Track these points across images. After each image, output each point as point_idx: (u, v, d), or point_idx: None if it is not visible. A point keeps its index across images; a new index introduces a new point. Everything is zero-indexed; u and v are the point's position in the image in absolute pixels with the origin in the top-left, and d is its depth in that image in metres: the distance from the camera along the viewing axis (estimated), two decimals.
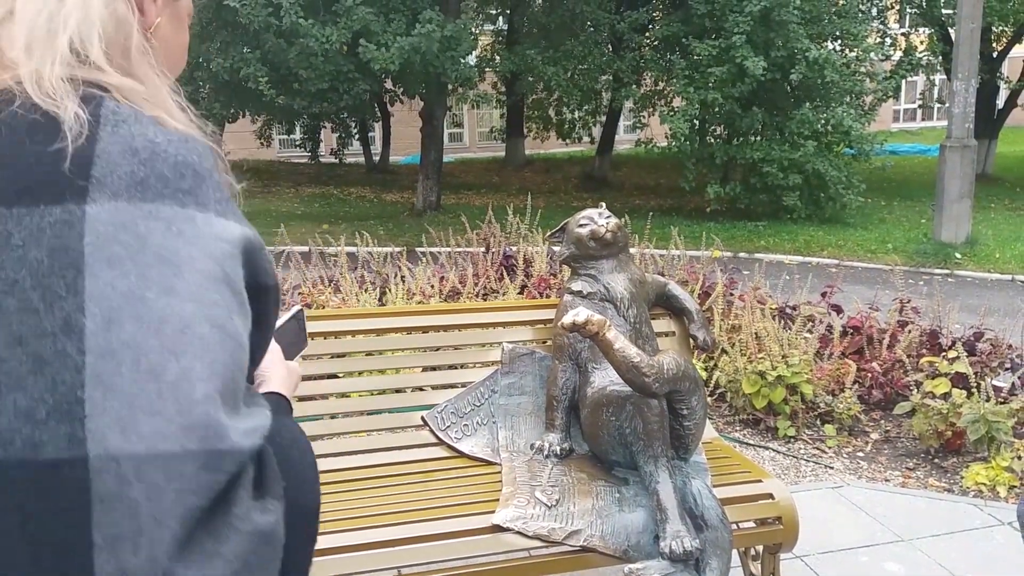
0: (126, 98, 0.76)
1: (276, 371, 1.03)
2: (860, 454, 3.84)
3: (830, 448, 3.87)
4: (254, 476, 0.74)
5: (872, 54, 11.95)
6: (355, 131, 17.17)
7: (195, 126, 0.82)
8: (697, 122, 11.65)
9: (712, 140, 12.09)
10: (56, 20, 0.75)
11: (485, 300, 4.73)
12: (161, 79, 0.82)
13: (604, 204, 2.71)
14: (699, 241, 6.11)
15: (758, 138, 11.68)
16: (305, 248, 6.09)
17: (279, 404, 0.98)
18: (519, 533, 2.10)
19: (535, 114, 17.55)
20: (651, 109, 13.03)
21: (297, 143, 18.49)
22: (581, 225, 2.55)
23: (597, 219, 2.54)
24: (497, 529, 2.09)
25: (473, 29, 11.88)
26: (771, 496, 2.27)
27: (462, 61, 10.62)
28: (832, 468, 3.68)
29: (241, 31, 10.13)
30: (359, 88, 10.48)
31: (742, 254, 9.10)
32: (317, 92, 10.29)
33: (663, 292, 2.71)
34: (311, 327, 1.60)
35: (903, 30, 15.72)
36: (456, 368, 2.70)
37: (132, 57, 0.80)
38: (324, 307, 4.24)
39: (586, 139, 17.72)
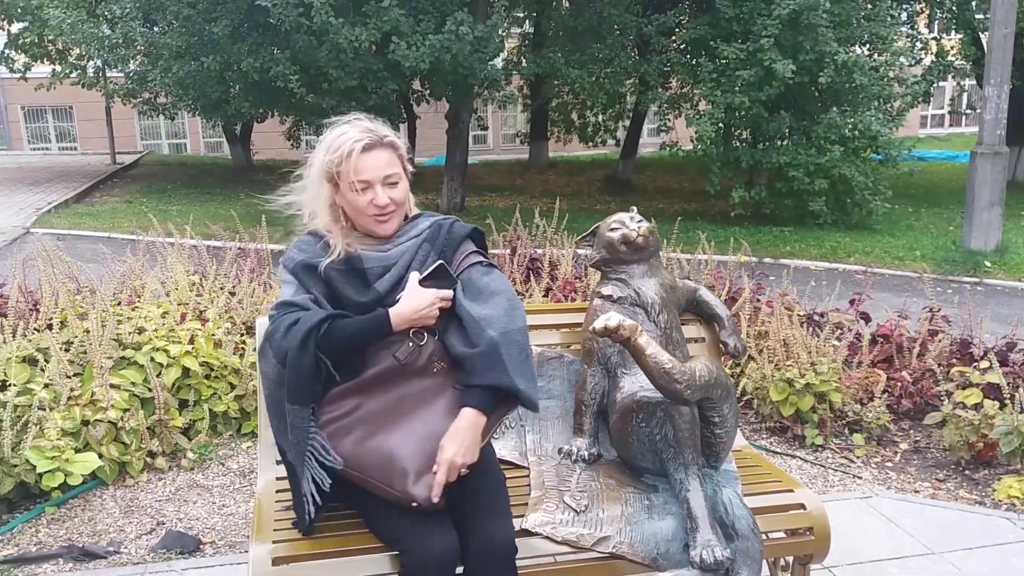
0: (318, 228, 2.15)
1: (404, 302, 2.02)
2: (889, 464, 3.80)
3: (858, 458, 3.82)
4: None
5: (901, 58, 11.81)
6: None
7: (329, 233, 2.13)
8: (723, 125, 11.57)
9: (738, 144, 12.00)
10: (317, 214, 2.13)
11: None
12: (333, 224, 2.13)
13: (635, 208, 2.69)
14: (724, 246, 6.07)
15: (785, 142, 11.58)
16: None
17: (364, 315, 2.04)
18: (547, 538, 2.09)
19: (559, 117, 17.52)
20: (677, 112, 12.95)
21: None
22: (612, 229, 2.53)
23: (628, 223, 2.52)
24: (525, 533, 2.08)
25: (501, 32, 11.89)
26: (803, 506, 2.24)
27: (489, 63, 10.63)
28: (860, 478, 3.64)
29: (272, 31, 10.19)
30: (387, 88, 10.50)
31: (768, 259, 9.02)
32: (346, 90, 10.31)
33: (693, 297, 2.69)
34: None
35: (933, 35, 15.53)
36: None
37: (323, 217, 2.13)
38: None
39: (610, 142, 17.67)
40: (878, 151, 11.42)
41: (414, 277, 2.04)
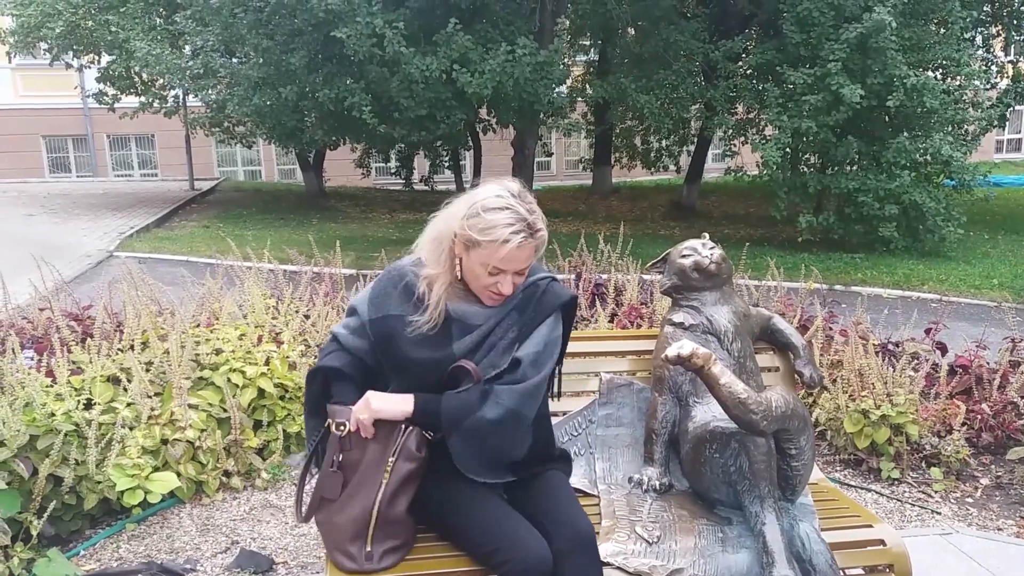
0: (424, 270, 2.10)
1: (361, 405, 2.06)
2: (969, 500, 3.66)
3: (937, 492, 3.70)
4: None
5: (976, 82, 11.51)
6: (447, 159, 17.46)
7: (430, 272, 2.08)
8: (789, 151, 11.43)
9: (805, 169, 11.84)
10: (429, 236, 2.11)
11: (576, 328, 4.72)
12: (439, 270, 2.07)
13: (707, 235, 2.68)
14: (794, 272, 5.98)
15: (854, 167, 11.38)
16: None
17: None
18: (620, 568, 2.07)
19: (622, 143, 17.52)
20: (743, 137, 12.85)
21: (392, 171, 18.94)
22: (684, 256, 2.52)
23: (701, 250, 2.51)
24: None
25: (566, 60, 11.97)
26: (882, 542, 2.18)
27: (555, 89, 10.72)
28: (939, 514, 3.52)
29: (346, 62, 10.48)
30: (456, 116, 10.68)
31: (838, 286, 8.83)
32: (416, 120, 10.53)
33: (767, 326, 2.66)
34: None
35: (1010, 58, 15.12)
36: (552, 398, 2.70)
37: (437, 256, 2.08)
38: None
39: (671, 168, 17.59)
40: (951, 176, 11.12)
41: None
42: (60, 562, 2.97)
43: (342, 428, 2.01)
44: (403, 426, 2.01)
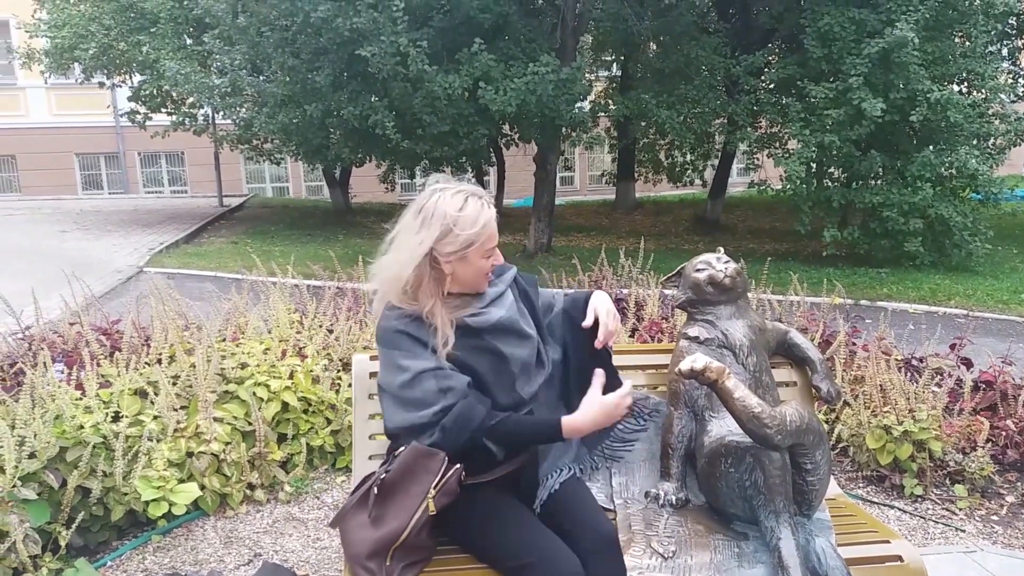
0: (404, 304, 2.10)
1: (584, 415, 2.09)
2: (994, 518, 3.62)
3: (961, 510, 3.66)
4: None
5: (1002, 95, 11.41)
6: (471, 175, 17.61)
7: (422, 308, 2.08)
8: (813, 165, 11.38)
9: (829, 183, 11.78)
10: (395, 280, 2.10)
11: None
12: (432, 299, 2.09)
13: (723, 248, 2.69)
14: (818, 287, 5.95)
15: (878, 182, 11.31)
16: None
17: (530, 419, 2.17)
18: None
19: (646, 157, 17.53)
20: (766, 151, 12.82)
21: (418, 186, 19.06)
22: (699, 270, 2.54)
23: (715, 264, 2.52)
24: None
25: (588, 75, 12.01)
26: (900, 558, 2.17)
27: (577, 106, 10.77)
28: (963, 531, 3.49)
29: (370, 80, 10.61)
30: (478, 132, 10.77)
31: (864, 302, 8.76)
32: (439, 135, 10.63)
33: (784, 340, 2.66)
34: None
35: None
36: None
37: (419, 292, 2.09)
38: None
39: (697, 182, 17.56)
40: (978, 190, 11.02)
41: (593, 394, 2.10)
42: (87, 572, 3.02)
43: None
44: (448, 462, 2.05)
